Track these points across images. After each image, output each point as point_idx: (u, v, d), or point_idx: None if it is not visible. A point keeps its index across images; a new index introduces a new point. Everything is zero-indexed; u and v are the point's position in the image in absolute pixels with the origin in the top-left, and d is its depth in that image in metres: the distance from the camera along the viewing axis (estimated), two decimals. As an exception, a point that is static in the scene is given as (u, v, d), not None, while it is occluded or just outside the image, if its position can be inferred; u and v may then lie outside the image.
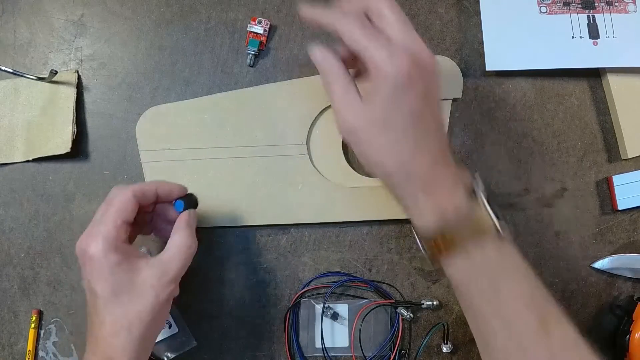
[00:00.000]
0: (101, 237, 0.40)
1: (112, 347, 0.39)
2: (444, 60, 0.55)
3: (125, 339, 0.39)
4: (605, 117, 0.57)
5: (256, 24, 0.55)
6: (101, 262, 0.39)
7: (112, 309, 0.39)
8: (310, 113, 0.54)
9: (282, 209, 0.53)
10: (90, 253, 0.39)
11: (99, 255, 0.39)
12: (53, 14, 0.56)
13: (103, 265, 0.39)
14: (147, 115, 0.54)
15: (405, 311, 0.53)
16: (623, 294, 0.55)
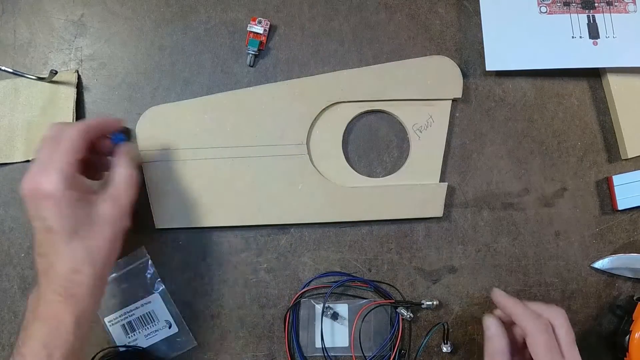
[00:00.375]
0: (56, 173, 0.39)
1: (73, 283, 0.40)
2: (443, 60, 0.56)
3: (87, 274, 0.40)
4: (605, 117, 0.57)
5: (256, 24, 0.55)
6: (59, 199, 0.39)
7: (72, 245, 0.40)
8: (310, 113, 0.54)
9: (282, 209, 0.53)
10: (46, 190, 0.39)
11: (56, 191, 0.39)
12: (53, 14, 0.56)
13: (61, 201, 0.39)
14: (147, 115, 0.54)
15: (405, 311, 0.53)
16: (623, 294, 0.55)
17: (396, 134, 0.56)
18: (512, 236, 0.56)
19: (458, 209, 0.56)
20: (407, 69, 0.55)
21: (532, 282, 0.55)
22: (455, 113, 0.56)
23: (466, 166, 0.56)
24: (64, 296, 0.39)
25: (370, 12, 0.57)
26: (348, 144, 0.56)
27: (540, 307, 0.45)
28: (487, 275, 0.55)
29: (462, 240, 0.55)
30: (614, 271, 0.55)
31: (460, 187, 0.56)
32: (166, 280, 0.53)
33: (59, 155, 0.40)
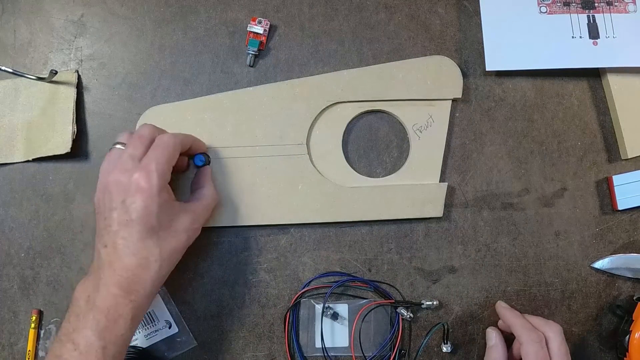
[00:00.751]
0: (157, 175, 0.41)
1: (137, 278, 0.41)
2: (443, 60, 0.56)
3: (152, 273, 0.41)
4: (605, 117, 0.57)
5: (256, 24, 0.55)
6: (152, 196, 0.41)
7: (148, 242, 0.41)
8: (310, 113, 0.54)
9: (282, 209, 0.53)
10: (143, 186, 0.41)
11: (153, 190, 0.41)
12: (53, 14, 0.56)
13: (153, 199, 0.41)
14: (147, 115, 0.54)
15: (405, 311, 0.53)
16: (623, 294, 0.55)
17: (396, 134, 0.56)
18: (512, 236, 0.56)
19: (458, 209, 0.56)
20: (407, 69, 0.55)
21: (532, 282, 0.55)
22: (455, 113, 0.56)
23: (466, 166, 0.56)
24: (126, 290, 0.40)
25: (370, 12, 0.57)
26: (348, 144, 0.56)
27: (538, 321, 0.48)
28: (487, 275, 0.55)
29: (462, 240, 0.55)
30: (614, 271, 0.55)
31: (460, 187, 0.56)
32: (166, 280, 0.53)
33: (159, 158, 0.42)
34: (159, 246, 0.42)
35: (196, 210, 0.46)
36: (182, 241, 0.44)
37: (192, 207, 0.46)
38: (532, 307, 0.55)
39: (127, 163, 0.42)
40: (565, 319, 0.55)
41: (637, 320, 0.51)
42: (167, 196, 0.43)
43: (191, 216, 0.45)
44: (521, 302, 0.55)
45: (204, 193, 0.49)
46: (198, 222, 0.46)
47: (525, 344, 0.45)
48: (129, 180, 0.41)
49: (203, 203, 0.48)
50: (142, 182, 0.41)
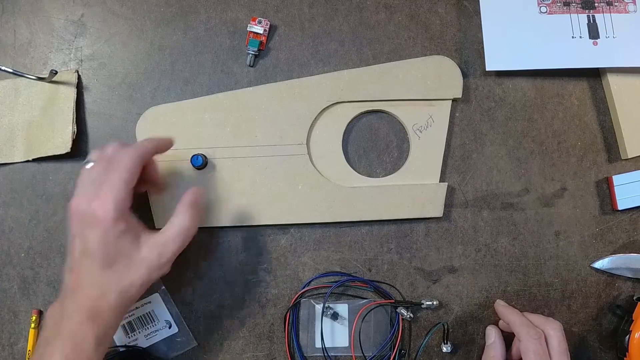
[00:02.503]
0: (112, 201, 0.39)
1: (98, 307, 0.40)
2: (444, 60, 0.56)
3: (113, 303, 0.40)
4: (605, 117, 0.57)
5: (256, 24, 0.55)
6: (107, 228, 0.39)
7: (106, 274, 0.40)
8: (310, 113, 0.54)
9: (282, 209, 0.53)
10: (98, 216, 0.39)
11: (108, 220, 0.39)
12: (53, 14, 0.56)
13: (108, 231, 0.39)
14: (147, 115, 0.54)
15: (405, 311, 0.53)
16: (623, 294, 0.55)
17: (396, 134, 0.56)
18: (512, 236, 0.56)
19: (458, 209, 0.56)
20: (407, 69, 0.55)
21: (532, 282, 0.55)
22: (455, 113, 0.56)
23: (466, 166, 0.56)
24: (89, 317, 0.40)
25: (370, 12, 0.57)
26: (348, 144, 0.56)
27: (537, 319, 0.48)
28: (487, 275, 0.55)
29: (462, 240, 0.55)
30: (614, 271, 0.55)
31: (460, 187, 0.56)
32: (166, 280, 0.53)
33: (116, 184, 0.40)
34: (117, 279, 0.40)
35: (162, 242, 0.42)
36: (143, 277, 0.41)
37: (159, 238, 0.42)
38: (532, 307, 0.55)
39: (88, 188, 0.41)
40: (565, 319, 0.55)
41: (637, 320, 0.51)
42: (124, 226, 0.40)
43: (155, 251, 0.41)
44: (521, 302, 0.55)
45: (173, 223, 0.43)
46: (164, 256, 0.42)
47: (524, 340, 0.45)
48: (88, 208, 0.40)
49: (170, 235, 0.43)
50: (99, 211, 0.39)
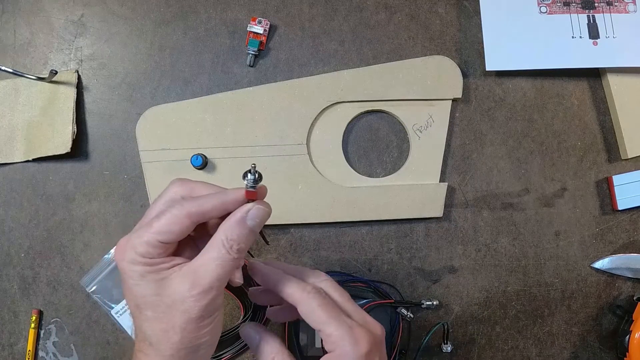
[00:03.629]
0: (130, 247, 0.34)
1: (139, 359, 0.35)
2: (444, 60, 0.56)
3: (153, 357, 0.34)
4: (605, 117, 0.57)
5: (256, 24, 0.55)
6: (124, 273, 0.34)
7: (139, 323, 0.34)
8: (310, 113, 0.54)
9: (282, 209, 0.53)
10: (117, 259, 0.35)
11: (122, 266, 0.34)
12: (53, 14, 0.56)
13: (126, 276, 0.34)
14: (147, 115, 0.54)
15: (405, 311, 0.53)
16: (623, 294, 0.55)
17: (396, 134, 0.56)
18: (512, 236, 0.56)
19: (458, 209, 0.56)
20: (407, 69, 0.55)
21: (532, 282, 0.55)
22: (455, 113, 0.56)
23: (466, 166, 0.56)
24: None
25: (370, 12, 0.57)
26: (348, 144, 0.56)
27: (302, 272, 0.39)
28: (487, 275, 0.55)
29: (462, 240, 0.55)
30: (614, 271, 0.55)
31: (460, 187, 0.56)
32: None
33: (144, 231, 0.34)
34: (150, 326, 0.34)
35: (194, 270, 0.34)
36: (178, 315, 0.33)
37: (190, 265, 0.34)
38: (532, 307, 0.55)
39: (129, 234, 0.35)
40: (565, 319, 0.55)
41: (637, 320, 0.51)
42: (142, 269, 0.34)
43: (188, 280, 0.33)
44: (521, 302, 0.55)
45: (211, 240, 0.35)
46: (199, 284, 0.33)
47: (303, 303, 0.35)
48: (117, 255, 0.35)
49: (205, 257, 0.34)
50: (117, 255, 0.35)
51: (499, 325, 0.55)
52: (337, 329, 0.34)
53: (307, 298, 0.35)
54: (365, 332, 0.35)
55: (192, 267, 0.34)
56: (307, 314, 0.35)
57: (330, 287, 0.37)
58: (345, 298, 0.37)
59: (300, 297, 0.35)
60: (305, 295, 0.35)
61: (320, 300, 0.35)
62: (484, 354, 0.54)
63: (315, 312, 0.35)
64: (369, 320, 0.37)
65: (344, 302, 0.37)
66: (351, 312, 0.37)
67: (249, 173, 0.37)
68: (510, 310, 0.55)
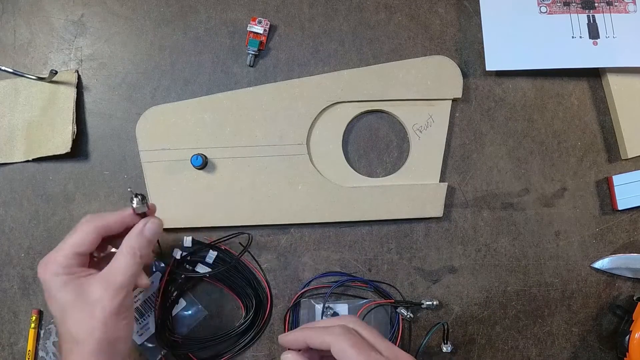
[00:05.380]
0: (52, 262, 0.41)
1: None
2: (444, 60, 0.56)
3: (78, 355, 0.39)
4: (605, 117, 0.57)
5: (256, 24, 0.55)
6: (48, 285, 0.41)
7: (65, 326, 0.40)
8: (310, 113, 0.54)
9: (282, 209, 0.53)
10: (40, 277, 0.41)
11: (46, 278, 0.41)
12: (53, 14, 0.56)
13: (50, 286, 0.40)
14: (147, 115, 0.54)
15: (405, 311, 0.53)
16: (623, 294, 0.55)
17: (396, 134, 0.56)
18: (512, 236, 0.56)
19: (458, 209, 0.56)
20: (407, 69, 0.55)
21: (532, 282, 0.55)
22: (455, 113, 0.56)
23: (466, 166, 0.56)
24: None
25: (370, 12, 0.57)
26: (348, 144, 0.56)
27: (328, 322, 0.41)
28: (487, 275, 0.55)
29: (462, 240, 0.55)
30: (614, 271, 0.55)
31: (460, 187, 0.56)
32: (166, 280, 0.53)
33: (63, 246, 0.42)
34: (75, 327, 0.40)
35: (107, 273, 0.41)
36: (99, 313, 0.39)
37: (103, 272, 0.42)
38: (532, 307, 0.55)
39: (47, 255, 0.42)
40: (565, 319, 0.55)
41: (637, 320, 0.51)
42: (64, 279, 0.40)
43: (103, 283, 0.41)
44: (521, 302, 0.55)
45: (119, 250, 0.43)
46: (113, 284, 0.41)
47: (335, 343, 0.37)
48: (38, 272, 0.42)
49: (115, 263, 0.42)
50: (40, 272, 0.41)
51: (499, 325, 0.55)
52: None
53: (339, 339, 0.37)
54: None
55: (104, 273, 0.41)
56: (339, 354, 0.37)
57: (360, 327, 0.39)
58: (375, 335, 0.39)
59: (332, 339, 0.37)
60: (336, 337, 0.37)
61: (351, 339, 0.37)
62: (484, 354, 0.54)
63: (347, 351, 0.37)
64: (401, 355, 0.38)
65: (374, 339, 0.39)
66: (382, 349, 0.38)
67: (134, 197, 0.43)
68: (510, 310, 0.55)
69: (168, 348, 0.51)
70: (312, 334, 0.39)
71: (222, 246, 0.53)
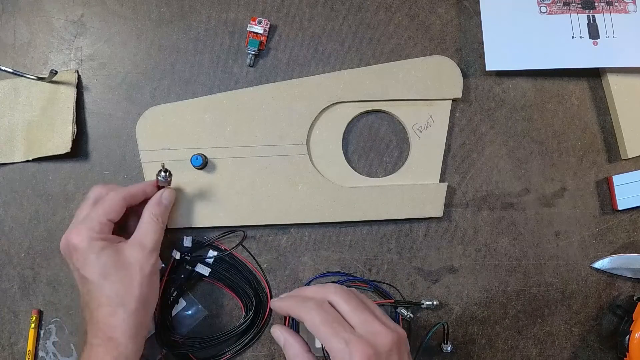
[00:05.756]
0: (85, 229, 0.44)
1: (111, 326, 0.42)
2: (444, 60, 0.56)
3: (121, 316, 0.42)
4: (605, 117, 0.57)
5: (256, 24, 0.55)
6: (86, 250, 0.43)
7: (105, 290, 0.43)
8: (310, 113, 0.54)
9: (282, 209, 0.53)
10: (74, 243, 0.43)
11: (83, 244, 0.43)
12: (53, 14, 0.56)
13: (88, 252, 0.43)
14: (147, 115, 0.54)
15: (405, 311, 0.53)
16: (623, 294, 0.55)
17: (396, 134, 0.56)
18: (512, 236, 0.56)
19: (458, 209, 0.56)
20: (407, 69, 0.55)
21: (532, 282, 0.55)
22: (455, 113, 0.56)
23: (466, 166, 0.56)
24: (104, 340, 0.42)
25: (370, 12, 0.57)
26: (348, 144, 0.56)
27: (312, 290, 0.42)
28: (487, 275, 0.55)
29: (462, 240, 0.55)
30: (614, 271, 0.55)
31: (460, 187, 0.56)
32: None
33: (93, 215, 0.45)
34: (115, 289, 0.43)
35: (137, 238, 0.46)
36: (137, 274, 0.44)
37: (134, 238, 0.46)
38: (532, 307, 0.55)
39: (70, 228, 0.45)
40: (565, 319, 0.55)
41: (637, 320, 0.51)
42: (102, 243, 0.43)
43: (135, 247, 0.45)
44: (521, 302, 0.55)
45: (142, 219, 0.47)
46: (146, 247, 0.45)
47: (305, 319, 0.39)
48: (66, 241, 0.44)
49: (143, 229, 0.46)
50: (74, 240, 0.43)
51: (499, 325, 0.55)
52: (336, 344, 0.37)
53: (311, 314, 0.38)
54: (363, 345, 0.36)
55: (136, 239, 0.46)
56: (311, 328, 0.38)
57: (341, 299, 0.40)
58: (354, 307, 0.39)
59: (305, 314, 0.39)
60: (308, 312, 0.39)
61: (322, 316, 0.38)
62: (484, 354, 0.54)
63: (318, 328, 0.38)
64: (378, 329, 0.38)
65: (352, 312, 0.39)
66: (357, 323, 0.38)
67: (162, 172, 0.49)
68: (510, 310, 0.55)
69: (168, 348, 0.51)
70: (292, 306, 0.41)
71: (222, 246, 0.53)
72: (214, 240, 0.53)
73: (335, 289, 0.41)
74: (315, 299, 0.40)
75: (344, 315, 0.39)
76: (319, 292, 0.41)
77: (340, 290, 0.41)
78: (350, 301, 0.40)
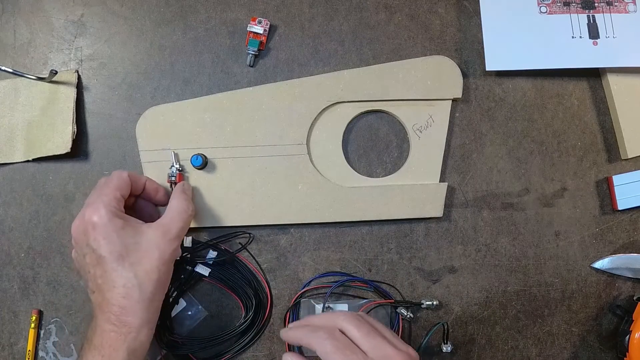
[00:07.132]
0: (103, 205, 0.42)
1: (124, 309, 0.41)
2: (443, 60, 0.56)
3: (137, 299, 0.41)
4: (605, 117, 0.57)
5: (256, 24, 0.55)
6: (107, 227, 0.42)
7: (122, 270, 0.41)
8: (310, 113, 0.54)
9: (282, 209, 0.53)
10: (93, 221, 0.42)
11: (103, 220, 0.42)
12: (53, 14, 0.56)
13: (109, 229, 0.42)
14: (147, 115, 0.54)
15: (405, 311, 0.53)
16: (623, 294, 0.55)
17: (396, 134, 0.56)
18: (512, 236, 0.56)
19: (458, 209, 0.56)
20: (407, 69, 0.55)
21: (532, 282, 0.55)
22: (455, 113, 0.56)
23: (466, 166, 0.56)
24: (117, 325, 0.41)
25: (370, 12, 0.57)
26: (348, 144, 0.56)
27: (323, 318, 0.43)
28: (487, 275, 0.55)
29: (462, 240, 0.55)
30: (614, 271, 0.55)
31: (460, 187, 0.56)
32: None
33: (103, 190, 0.44)
34: (133, 270, 0.41)
35: (163, 223, 0.45)
36: (156, 258, 0.43)
37: (161, 220, 0.45)
38: (532, 307, 0.55)
39: (81, 211, 0.44)
40: (565, 319, 0.55)
41: (637, 320, 0.51)
42: (121, 222, 0.42)
43: (160, 231, 0.44)
44: (521, 302, 0.55)
45: (171, 205, 0.47)
46: (170, 233, 0.44)
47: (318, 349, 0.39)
48: (83, 221, 0.42)
49: (170, 215, 0.46)
50: (93, 216, 0.42)
51: (499, 325, 0.55)
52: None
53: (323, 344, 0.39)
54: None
55: (161, 223, 0.45)
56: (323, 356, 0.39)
57: (351, 325, 0.40)
58: (363, 333, 0.40)
59: (317, 343, 0.39)
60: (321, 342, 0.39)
61: (333, 344, 0.39)
62: (484, 354, 0.54)
63: (330, 356, 0.38)
64: (390, 353, 0.39)
65: (363, 337, 0.39)
66: (368, 348, 0.39)
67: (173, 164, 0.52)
68: (510, 310, 0.55)
69: (168, 348, 0.51)
70: (303, 336, 0.41)
71: (222, 246, 0.53)
72: (214, 240, 0.53)
73: (344, 315, 0.41)
74: (326, 328, 0.40)
75: (355, 342, 0.39)
76: (329, 320, 0.41)
77: (350, 316, 0.41)
78: (361, 327, 0.40)
